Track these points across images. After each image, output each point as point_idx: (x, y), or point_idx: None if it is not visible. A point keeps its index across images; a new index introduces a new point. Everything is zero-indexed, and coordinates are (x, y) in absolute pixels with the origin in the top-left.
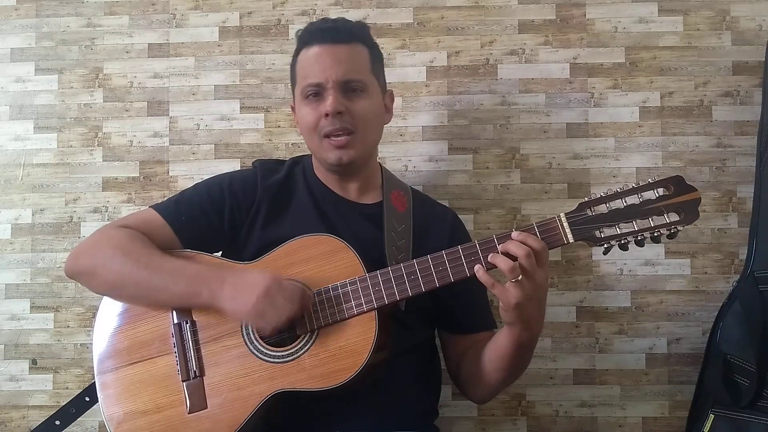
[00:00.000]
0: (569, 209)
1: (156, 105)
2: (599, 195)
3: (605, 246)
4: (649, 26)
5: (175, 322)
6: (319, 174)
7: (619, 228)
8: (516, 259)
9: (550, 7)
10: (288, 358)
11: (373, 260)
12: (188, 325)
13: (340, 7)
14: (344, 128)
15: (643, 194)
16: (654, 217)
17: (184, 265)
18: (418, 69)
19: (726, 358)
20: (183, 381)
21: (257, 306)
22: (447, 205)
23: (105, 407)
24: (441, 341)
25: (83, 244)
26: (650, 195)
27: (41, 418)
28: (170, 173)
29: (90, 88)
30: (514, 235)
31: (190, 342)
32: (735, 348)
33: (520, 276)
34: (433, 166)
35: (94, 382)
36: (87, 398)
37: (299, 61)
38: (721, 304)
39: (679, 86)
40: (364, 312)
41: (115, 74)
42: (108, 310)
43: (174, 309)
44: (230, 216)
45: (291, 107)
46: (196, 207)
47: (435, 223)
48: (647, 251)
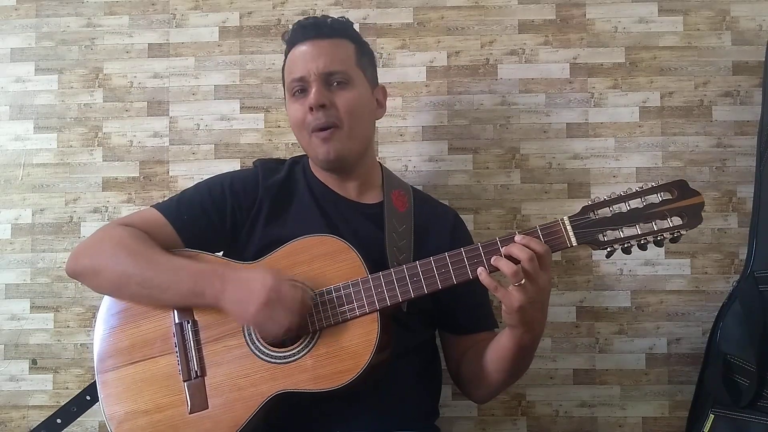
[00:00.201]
0: (569, 209)
1: (156, 105)
2: (603, 198)
3: (608, 249)
4: (649, 26)
5: (177, 322)
6: (318, 173)
7: (623, 232)
8: (518, 263)
9: (550, 7)
10: (290, 359)
11: (374, 261)
12: (190, 325)
13: (340, 7)
14: (329, 121)
15: (647, 198)
16: (657, 221)
17: (187, 265)
18: (418, 69)
19: (726, 358)
20: (184, 381)
21: (257, 316)
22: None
23: (106, 406)
24: (442, 341)
25: (85, 244)
26: (654, 199)
27: (41, 418)
28: (170, 173)
29: (90, 88)
30: (518, 239)
31: (192, 342)
32: (735, 348)
33: (524, 280)
34: (433, 166)
35: (95, 381)
36: (88, 397)
37: (286, 63)
38: (721, 304)
39: (679, 86)
40: (366, 313)
41: (115, 74)
42: (109, 309)
43: (176, 308)
44: (232, 215)
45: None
46: (198, 206)
47: (436, 223)
48: (647, 251)
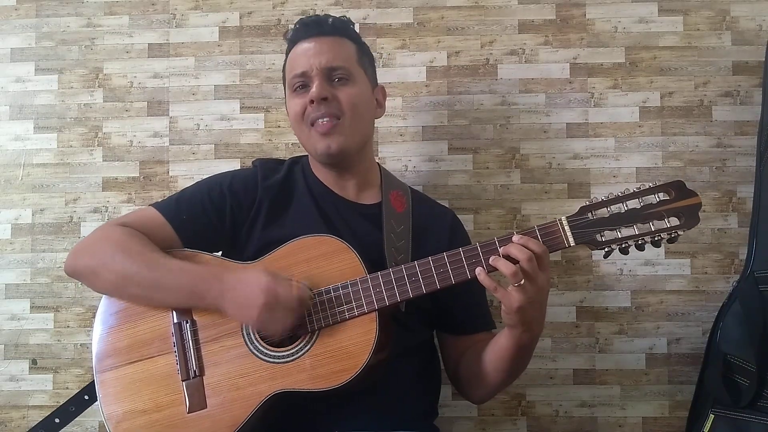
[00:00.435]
0: (569, 209)
1: (156, 105)
2: (600, 199)
3: (606, 250)
4: (649, 26)
5: (176, 322)
6: (317, 173)
7: (620, 232)
8: (517, 263)
9: (550, 7)
10: (288, 359)
11: (373, 261)
12: (188, 325)
13: (340, 7)
14: (330, 113)
15: (644, 198)
16: (655, 222)
17: (186, 267)
18: (418, 69)
19: (726, 358)
20: (183, 380)
21: (259, 318)
22: (447, 206)
23: (104, 406)
24: (439, 342)
25: (83, 243)
26: (651, 199)
27: (41, 418)
28: (170, 173)
29: (90, 88)
30: (516, 239)
31: (190, 341)
32: (735, 348)
33: (523, 280)
34: (433, 166)
35: (94, 381)
36: (86, 397)
37: (288, 60)
38: (721, 304)
39: (679, 86)
40: (365, 313)
41: (115, 74)
42: (108, 309)
43: (175, 309)
44: (231, 215)
45: (286, 110)
46: (197, 206)
47: (434, 224)
48: (647, 251)
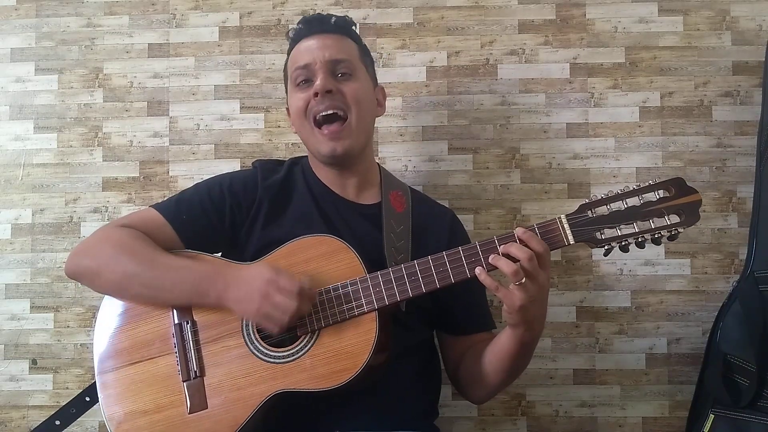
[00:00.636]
0: (569, 209)
1: (156, 105)
2: (600, 196)
3: (606, 247)
4: (649, 26)
5: (176, 322)
6: (318, 172)
7: (620, 230)
8: (517, 261)
9: (550, 7)
10: (288, 359)
11: (373, 261)
12: (189, 325)
13: (340, 7)
14: (335, 105)
15: (644, 196)
16: (655, 219)
17: (189, 265)
18: (418, 69)
19: (726, 358)
20: (183, 381)
21: (260, 309)
22: (447, 206)
23: (105, 407)
24: (440, 343)
25: (84, 244)
26: (651, 197)
27: (41, 418)
28: (170, 173)
29: (90, 88)
30: (517, 233)
31: (191, 342)
32: (735, 348)
33: (524, 279)
34: (433, 166)
35: (95, 382)
36: (87, 398)
37: (290, 58)
38: (721, 304)
39: (679, 86)
40: (365, 313)
41: (115, 74)
42: (109, 310)
43: (177, 309)
44: (231, 216)
45: (286, 110)
46: (197, 206)
47: (434, 224)
48: (647, 251)
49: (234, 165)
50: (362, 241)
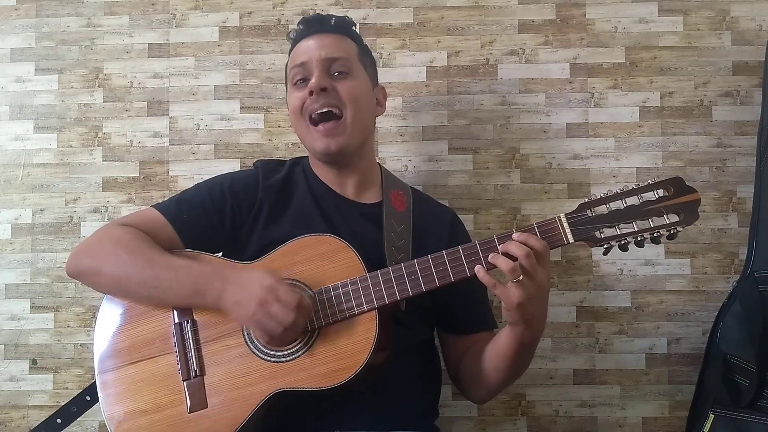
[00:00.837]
0: (569, 209)
1: (156, 105)
2: (599, 196)
3: (605, 246)
4: (649, 26)
5: (176, 322)
6: (318, 172)
7: (619, 229)
8: (516, 260)
9: (550, 7)
10: (288, 358)
11: (373, 260)
12: (189, 325)
13: (340, 7)
14: (330, 103)
15: (643, 195)
16: (654, 218)
17: (189, 265)
18: (418, 69)
19: (726, 358)
20: (183, 380)
21: (255, 315)
22: (447, 205)
23: (105, 406)
24: (440, 342)
25: (85, 243)
26: (650, 196)
27: (41, 418)
28: (170, 173)
29: (90, 88)
30: (515, 236)
31: (191, 341)
32: (735, 348)
33: (521, 276)
34: (433, 166)
35: (95, 382)
36: (88, 397)
37: (290, 58)
38: (721, 304)
39: (679, 86)
40: (365, 312)
41: (115, 74)
42: (109, 310)
43: (177, 308)
44: (231, 216)
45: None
46: (198, 206)
47: (434, 223)
48: (647, 251)
49: (234, 165)
50: (362, 241)
